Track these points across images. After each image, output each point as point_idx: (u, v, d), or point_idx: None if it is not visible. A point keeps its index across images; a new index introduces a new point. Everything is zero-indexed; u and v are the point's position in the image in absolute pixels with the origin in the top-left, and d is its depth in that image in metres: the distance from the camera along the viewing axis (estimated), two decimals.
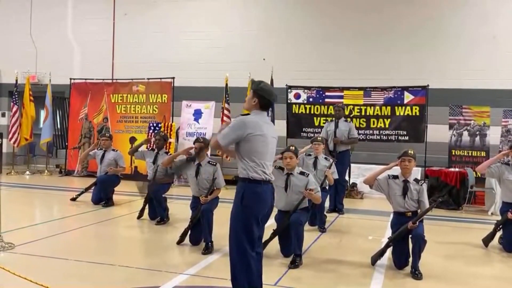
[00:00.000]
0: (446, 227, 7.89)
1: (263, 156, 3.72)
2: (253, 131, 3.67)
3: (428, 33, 11.48)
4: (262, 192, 3.72)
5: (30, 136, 12.93)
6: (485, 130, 10.25)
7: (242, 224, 3.70)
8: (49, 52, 14.15)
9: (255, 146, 3.69)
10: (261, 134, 3.69)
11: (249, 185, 3.70)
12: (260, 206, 3.72)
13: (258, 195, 3.70)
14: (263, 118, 3.81)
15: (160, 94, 12.33)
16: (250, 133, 3.66)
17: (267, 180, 3.74)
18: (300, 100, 11.48)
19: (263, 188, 3.72)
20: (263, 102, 3.77)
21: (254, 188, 3.69)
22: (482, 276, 5.23)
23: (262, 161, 3.70)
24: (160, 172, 7.41)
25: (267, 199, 3.77)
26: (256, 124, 3.70)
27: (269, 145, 3.77)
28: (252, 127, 3.67)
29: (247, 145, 3.69)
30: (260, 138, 3.69)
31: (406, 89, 10.78)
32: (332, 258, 5.63)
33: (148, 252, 5.92)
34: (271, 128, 3.85)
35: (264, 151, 3.73)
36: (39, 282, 4.14)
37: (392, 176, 5.31)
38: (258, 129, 3.69)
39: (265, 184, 3.73)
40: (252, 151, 3.69)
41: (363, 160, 10.93)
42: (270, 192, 3.80)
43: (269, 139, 3.76)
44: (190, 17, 13.23)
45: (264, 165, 3.72)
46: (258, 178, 3.69)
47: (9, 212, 6.20)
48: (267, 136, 3.74)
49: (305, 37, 12.32)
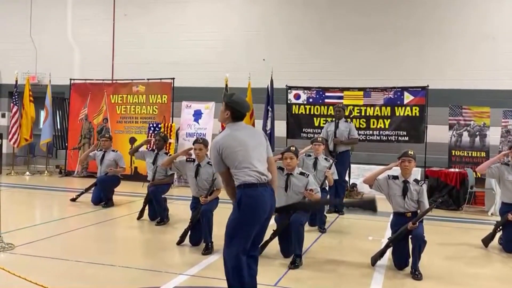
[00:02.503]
0: (446, 227, 7.89)
1: (247, 160, 3.71)
2: (226, 148, 3.71)
3: (428, 33, 11.49)
4: (259, 195, 3.69)
5: (30, 137, 12.93)
6: (485, 131, 10.25)
7: (237, 229, 3.68)
8: (49, 53, 14.17)
9: (235, 158, 3.71)
10: (235, 146, 3.72)
11: (245, 190, 3.69)
12: (258, 209, 3.68)
13: (255, 199, 3.68)
14: (236, 127, 3.83)
15: (160, 95, 12.34)
16: (225, 152, 3.71)
17: (263, 182, 3.72)
18: (300, 101, 11.48)
19: (260, 191, 3.70)
20: (235, 114, 3.81)
21: (250, 192, 3.68)
22: (482, 276, 5.23)
23: (248, 165, 3.70)
24: (160, 173, 7.43)
25: (265, 201, 3.72)
26: (227, 140, 3.74)
27: (249, 148, 3.75)
28: (224, 146, 3.72)
29: (229, 161, 3.74)
30: (235, 150, 3.71)
31: (406, 90, 10.79)
32: (332, 259, 5.64)
33: (148, 253, 5.93)
34: (248, 131, 3.87)
35: (246, 156, 3.72)
36: (39, 283, 4.14)
37: (392, 177, 5.31)
38: (230, 144, 3.72)
39: (262, 186, 3.71)
40: (236, 163, 3.72)
41: (363, 161, 10.95)
42: (268, 195, 3.76)
43: (247, 143, 3.75)
44: (190, 17, 13.24)
45: (253, 166, 3.70)
46: (253, 181, 3.68)
47: (9, 212, 6.20)
48: (243, 143, 3.74)
49: (305, 38, 12.33)
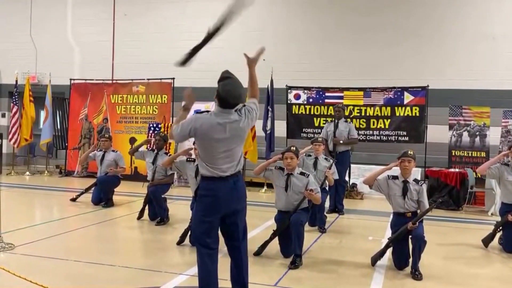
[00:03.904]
0: (446, 227, 7.89)
1: (210, 160, 3.56)
2: (197, 135, 3.57)
3: (428, 33, 11.49)
4: (215, 188, 3.57)
5: (30, 137, 12.92)
6: (485, 131, 10.24)
7: (196, 220, 3.70)
8: (49, 53, 14.17)
9: (200, 149, 3.63)
10: (205, 141, 3.56)
11: (202, 182, 3.65)
12: (213, 202, 3.57)
13: (211, 191, 3.57)
14: (219, 114, 3.57)
15: (160, 95, 12.34)
16: (194, 135, 3.59)
17: (223, 176, 3.56)
18: (300, 101, 11.48)
19: (217, 185, 3.56)
20: (220, 101, 3.58)
21: (207, 185, 3.61)
22: (482, 276, 5.23)
23: (210, 163, 3.56)
24: (159, 173, 7.44)
25: (221, 195, 3.56)
26: (204, 128, 3.53)
27: (218, 152, 3.55)
28: (196, 132, 3.55)
29: (197, 142, 3.65)
30: (203, 145, 3.59)
31: (406, 90, 10.80)
32: (332, 259, 5.64)
33: (148, 253, 5.93)
34: (228, 125, 3.55)
35: (210, 157, 3.56)
36: (39, 283, 4.14)
37: (391, 177, 5.31)
38: (201, 135, 3.55)
39: (220, 180, 3.56)
40: (201, 149, 3.63)
41: (363, 161, 10.95)
42: (228, 188, 3.57)
43: (218, 147, 3.54)
44: (190, 17, 13.22)
45: (215, 164, 3.56)
46: (208, 175, 3.58)
47: (9, 212, 6.19)
48: (214, 145, 3.54)
49: (305, 38, 12.33)
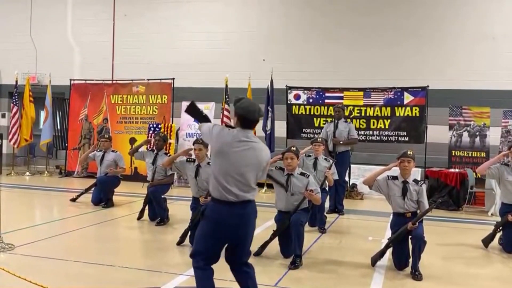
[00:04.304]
0: (446, 227, 7.89)
1: (223, 182, 3.43)
2: (222, 147, 3.47)
3: (428, 33, 11.49)
4: (220, 212, 3.46)
5: (30, 137, 12.92)
6: (485, 131, 10.24)
7: (199, 236, 3.60)
8: (49, 53, 14.17)
9: (219, 165, 3.47)
10: (227, 159, 3.43)
11: (210, 201, 3.58)
12: (219, 224, 3.47)
13: (216, 214, 3.49)
14: (242, 137, 3.48)
15: (160, 95, 12.34)
16: (219, 148, 3.49)
17: (231, 201, 3.44)
18: (300, 101, 11.48)
19: (223, 209, 3.46)
20: (243, 120, 3.51)
21: (214, 206, 3.51)
22: (482, 276, 5.23)
23: (222, 185, 3.43)
24: (159, 173, 7.44)
25: (227, 220, 3.45)
26: (226, 139, 3.47)
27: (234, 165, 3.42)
28: (223, 146, 3.46)
29: (215, 155, 3.52)
30: (223, 163, 3.45)
31: (406, 90, 10.80)
32: (332, 259, 5.64)
33: (148, 253, 5.93)
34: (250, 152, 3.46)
35: (226, 178, 3.42)
36: (39, 283, 4.14)
37: (391, 177, 5.31)
38: (227, 139, 3.47)
39: (228, 205, 3.44)
40: (216, 165, 3.49)
41: (363, 161, 10.95)
42: (234, 214, 3.45)
43: (235, 158, 3.42)
44: (190, 17, 13.24)
45: (226, 188, 3.43)
46: (218, 197, 3.47)
47: (9, 213, 6.19)
48: (234, 165, 3.42)
49: (305, 38, 12.33)
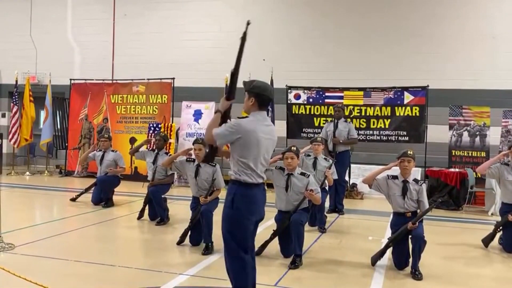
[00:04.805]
0: (446, 227, 7.89)
1: (256, 160, 3.61)
2: (247, 134, 3.55)
3: (428, 33, 11.48)
4: (254, 195, 3.64)
5: (30, 137, 12.92)
6: (485, 131, 10.24)
7: (232, 228, 3.62)
8: (49, 53, 14.16)
9: (248, 149, 3.58)
10: (255, 137, 3.58)
11: (240, 187, 3.64)
12: (252, 208, 3.63)
13: (249, 198, 3.63)
14: (261, 118, 3.67)
15: (160, 95, 12.34)
16: (243, 136, 3.55)
17: (258, 183, 3.67)
18: (300, 101, 11.48)
19: (254, 191, 3.65)
20: (261, 99, 3.64)
21: (245, 190, 3.63)
22: (482, 276, 5.23)
23: (254, 165, 3.60)
24: (160, 173, 7.44)
25: (259, 201, 3.69)
26: (251, 126, 3.57)
27: (262, 148, 3.63)
28: (246, 131, 3.55)
29: (240, 148, 3.60)
30: (254, 141, 3.57)
31: (406, 90, 10.79)
32: (332, 259, 5.64)
33: (148, 253, 5.92)
34: (268, 129, 3.70)
35: (257, 154, 3.61)
36: (39, 283, 4.14)
37: (391, 177, 5.31)
38: (252, 132, 3.56)
39: (256, 186, 3.66)
40: (245, 154, 3.59)
41: (363, 161, 10.95)
42: (261, 194, 3.72)
43: (263, 141, 3.62)
44: (190, 17, 13.23)
45: (256, 168, 3.62)
46: (249, 181, 3.61)
47: (9, 212, 6.20)
48: (261, 138, 3.60)
49: (305, 38, 12.33)
